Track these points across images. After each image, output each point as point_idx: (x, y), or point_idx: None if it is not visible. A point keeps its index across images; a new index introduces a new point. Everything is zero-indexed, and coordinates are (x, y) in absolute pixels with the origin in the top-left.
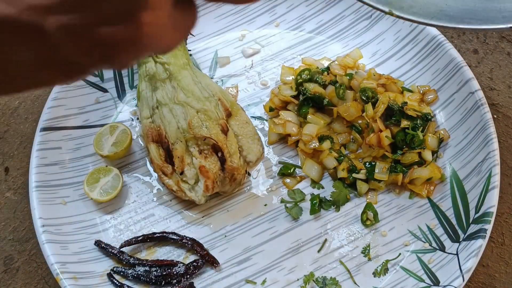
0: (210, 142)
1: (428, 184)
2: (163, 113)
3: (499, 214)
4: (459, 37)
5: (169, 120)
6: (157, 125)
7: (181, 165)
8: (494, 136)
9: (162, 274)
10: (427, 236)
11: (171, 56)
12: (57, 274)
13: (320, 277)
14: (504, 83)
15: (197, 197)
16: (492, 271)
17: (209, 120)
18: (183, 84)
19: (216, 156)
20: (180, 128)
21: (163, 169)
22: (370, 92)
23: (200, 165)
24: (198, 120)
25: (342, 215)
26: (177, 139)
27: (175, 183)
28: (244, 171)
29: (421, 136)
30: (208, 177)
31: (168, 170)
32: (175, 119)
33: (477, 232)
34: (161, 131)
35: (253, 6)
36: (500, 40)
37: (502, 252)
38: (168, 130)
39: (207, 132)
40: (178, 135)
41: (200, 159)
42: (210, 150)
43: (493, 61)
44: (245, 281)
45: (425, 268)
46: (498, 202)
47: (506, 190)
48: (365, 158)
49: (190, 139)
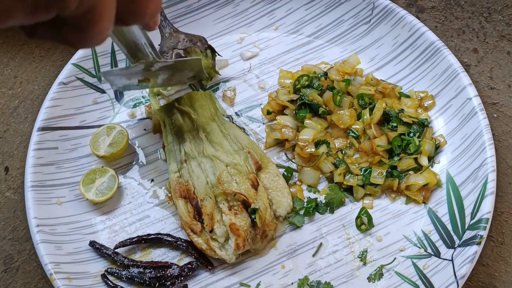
0: (240, 198)
1: (424, 190)
2: (191, 167)
3: (499, 214)
4: (458, 36)
5: (198, 174)
6: (185, 180)
7: (210, 223)
8: (491, 142)
9: (156, 276)
10: (422, 242)
11: (198, 107)
12: (51, 274)
13: (314, 281)
14: (504, 82)
15: (227, 256)
16: (492, 270)
17: (239, 175)
18: (211, 137)
19: (246, 213)
20: (209, 183)
21: (192, 227)
22: (367, 98)
23: (230, 222)
24: (227, 175)
25: (338, 219)
26: (206, 195)
27: (205, 242)
28: (275, 226)
29: (417, 142)
30: (239, 235)
31: (198, 228)
32: (204, 173)
33: (472, 239)
34: (190, 187)
35: (252, 9)
36: (500, 39)
37: (502, 251)
38: (197, 186)
39: (237, 188)
40: (208, 191)
41: (230, 215)
42: (240, 206)
43: (493, 60)
44: (239, 284)
45: (420, 273)
46: (498, 202)
47: (506, 190)
48: (362, 163)
49: (219, 194)
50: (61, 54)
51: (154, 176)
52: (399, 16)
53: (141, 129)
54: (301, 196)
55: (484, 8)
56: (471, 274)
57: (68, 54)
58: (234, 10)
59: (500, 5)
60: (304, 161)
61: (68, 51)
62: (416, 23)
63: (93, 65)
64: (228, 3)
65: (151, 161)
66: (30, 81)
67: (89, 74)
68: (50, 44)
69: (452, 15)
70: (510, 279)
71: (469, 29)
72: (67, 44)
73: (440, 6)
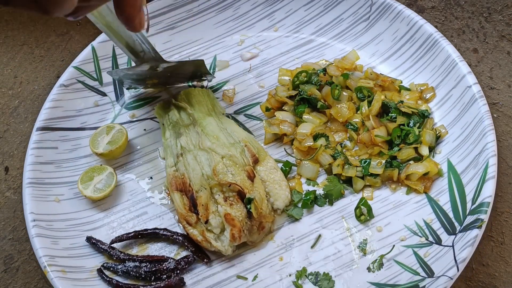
0: (235, 189)
1: (425, 179)
2: (187, 160)
3: (499, 214)
4: (458, 36)
5: (193, 167)
6: (181, 173)
7: (205, 213)
8: (491, 128)
9: (152, 270)
10: (423, 231)
11: (195, 102)
12: (45, 267)
13: (313, 272)
14: (504, 82)
15: (223, 247)
16: (492, 270)
17: (234, 166)
18: (208, 130)
19: (242, 204)
20: (204, 175)
21: (187, 219)
22: (365, 91)
23: (225, 212)
24: (223, 166)
25: (337, 211)
26: (202, 187)
27: (200, 233)
28: (273, 218)
29: (417, 132)
30: (234, 225)
31: (193, 219)
32: (199, 165)
33: (473, 223)
34: (185, 179)
35: (253, 12)
36: (500, 39)
37: (502, 252)
38: (192, 178)
39: (232, 178)
40: (203, 182)
41: (226, 206)
42: (235, 197)
43: (493, 60)
44: (236, 276)
45: (420, 261)
46: (498, 202)
47: (506, 190)
48: (362, 155)
49: (214, 186)
50: (61, 54)
51: (153, 174)
52: (397, 10)
53: (141, 129)
54: (300, 189)
55: (484, 8)
56: (471, 274)
57: (68, 54)
58: (234, 13)
59: (500, 5)
60: (303, 154)
61: (68, 51)
62: (414, 17)
63: (94, 68)
64: (228, 7)
65: (150, 159)
66: (30, 81)
67: (90, 77)
68: (50, 44)
69: (452, 15)
70: (510, 279)
71: (469, 29)
72: (41, 10)
73: (440, 6)
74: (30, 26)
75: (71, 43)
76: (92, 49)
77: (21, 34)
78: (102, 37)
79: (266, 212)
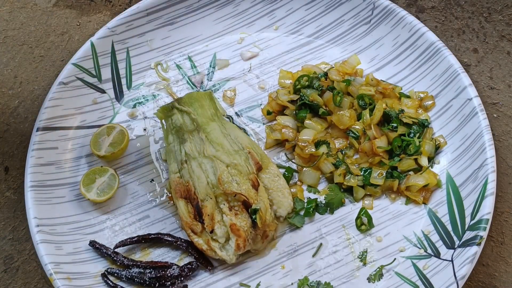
0: (240, 198)
1: (425, 190)
2: (192, 167)
3: (499, 214)
4: (458, 36)
5: (198, 175)
6: (185, 180)
7: (211, 223)
8: (491, 143)
9: (156, 276)
10: (422, 242)
11: (198, 107)
12: (51, 274)
13: (314, 281)
14: (504, 82)
15: (228, 256)
16: (492, 270)
17: (239, 175)
18: (212, 137)
19: (247, 213)
20: (209, 183)
21: (192, 227)
22: (367, 99)
23: (231, 223)
24: (228, 175)
25: (338, 220)
26: (207, 196)
27: (205, 242)
28: (275, 226)
29: (417, 143)
30: (239, 235)
31: (198, 228)
32: (204, 174)
33: (473, 239)
34: (190, 187)
35: (253, 9)
36: (500, 39)
37: (502, 251)
38: (197, 186)
39: (237, 188)
40: (208, 191)
41: (231, 216)
42: (240, 206)
43: (493, 60)
44: (239, 284)
45: (419, 274)
46: (498, 202)
47: (506, 190)
48: (362, 164)
49: (220, 195)
50: (61, 54)
51: (154, 176)
52: (400, 16)
53: (141, 129)
54: (301, 196)
55: (484, 8)
56: (471, 274)
57: (68, 54)
58: (234, 10)
59: (500, 5)
60: (304, 161)
61: (68, 51)
62: (416, 24)
63: (93, 65)
64: (228, 3)
65: (151, 161)
66: (30, 81)
67: (89, 74)
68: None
69: (452, 15)
70: (510, 279)
71: (469, 29)
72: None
73: (440, 6)
74: (30, 26)
75: (71, 43)
76: (91, 45)
77: (21, 34)
78: (101, 33)
79: (269, 220)
